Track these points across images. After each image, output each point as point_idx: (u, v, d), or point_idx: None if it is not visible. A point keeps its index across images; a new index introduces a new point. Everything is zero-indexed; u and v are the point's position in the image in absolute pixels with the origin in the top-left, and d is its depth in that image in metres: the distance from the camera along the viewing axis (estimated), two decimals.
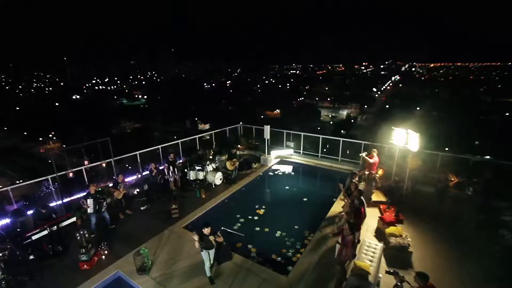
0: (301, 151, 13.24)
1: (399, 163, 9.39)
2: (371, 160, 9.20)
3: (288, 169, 12.62)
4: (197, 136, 12.92)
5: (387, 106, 72.61)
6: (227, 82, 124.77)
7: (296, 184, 11.46)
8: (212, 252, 6.13)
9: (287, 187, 10.96)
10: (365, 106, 77.92)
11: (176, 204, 8.72)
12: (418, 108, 61.82)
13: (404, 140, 8.37)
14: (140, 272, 6.35)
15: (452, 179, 8.43)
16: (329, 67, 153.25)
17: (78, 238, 6.60)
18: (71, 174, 8.41)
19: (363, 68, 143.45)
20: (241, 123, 14.94)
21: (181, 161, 11.75)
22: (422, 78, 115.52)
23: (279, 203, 9.82)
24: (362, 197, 6.64)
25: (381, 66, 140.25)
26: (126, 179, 10.44)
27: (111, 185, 8.86)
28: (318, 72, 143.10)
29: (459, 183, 8.67)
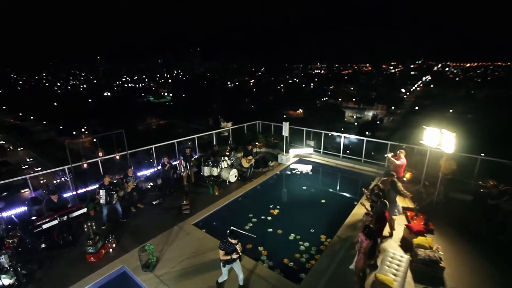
0: (322, 151, 12.55)
1: (430, 166, 8.48)
2: (397, 162, 8.38)
3: (306, 168, 11.99)
4: (214, 132, 12.65)
5: (416, 108, 68.93)
6: (251, 81, 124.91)
7: (314, 184, 10.83)
8: (237, 265, 5.44)
9: (304, 187, 10.36)
10: (392, 107, 74.55)
11: (188, 200, 8.45)
12: (451, 111, 58.03)
13: (437, 140, 7.50)
14: (144, 268, 6.11)
15: (493, 186, 7.42)
16: (355, 67, 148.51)
17: (86, 229, 6.49)
18: (85, 165, 8.38)
19: (391, 68, 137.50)
20: (259, 120, 14.48)
21: (196, 156, 11.52)
22: (457, 79, 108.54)
23: (295, 204, 9.26)
24: (385, 200, 5.94)
25: (411, 66, 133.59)
26: (140, 173, 10.37)
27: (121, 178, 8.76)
28: (343, 72, 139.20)
29: (501, 191, 7.64)
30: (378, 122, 65.33)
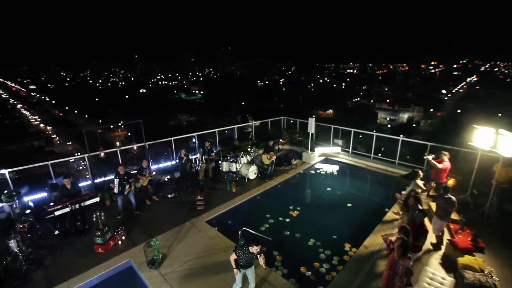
0: (350, 150, 11.54)
1: (480, 172, 7.25)
2: (439, 165, 7.25)
3: (332, 168, 11.08)
4: (235, 126, 12.17)
5: (459, 111, 63.52)
6: (281, 80, 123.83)
7: (340, 186, 9.91)
8: (250, 271, 4.86)
9: (329, 189, 9.49)
10: (431, 110, 69.47)
11: (202, 195, 8.01)
12: (499, 115, 52.57)
13: (492, 142, 6.30)
14: (150, 265, 5.74)
15: None
16: (391, 67, 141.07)
17: (94, 219, 6.27)
18: (102, 154, 8.28)
19: (431, 67, 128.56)
20: (284, 116, 13.76)
21: (216, 150, 11.10)
22: (508, 80, 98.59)
23: (317, 206, 8.46)
24: (421, 206, 5.00)
25: (454, 66, 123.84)
26: (158, 165, 10.15)
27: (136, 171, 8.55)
28: (378, 72, 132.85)
29: None
30: (414, 125, 61.18)
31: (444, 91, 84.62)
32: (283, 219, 7.65)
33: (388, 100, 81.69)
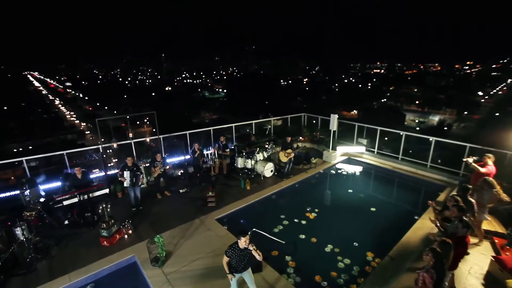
0: (375, 150, 10.66)
1: None
2: (482, 170, 6.29)
3: (355, 169, 10.29)
4: (253, 122, 11.69)
5: (497, 114, 58.82)
6: (304, 80, 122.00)
7: (363, 188, 9.13)
8: (247, 274, 4.33)
9: (350, 191, 8.75)
10: (465, 113, 64.98)
11: (214, 192, 7.62)
12: None
13: None
14: (153, 262, 5.40)
15: None
16: (421, 66, 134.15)
17: (100, 211, 6.06)
18: (115, 145, 8.13)
19: (466, 68, 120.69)
20: (305, 112, 13.09)
21: (232, 146, 10.69)
22: None
23: (336, 209, 7.80)
24: (465, 218, 4.22)
25: (493, 66, 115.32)
26: (170, 159, 9.90)
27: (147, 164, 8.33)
28: (407, 72, 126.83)
29: None
30: (445, 128, 57.49)
31: (480, 93, 78.93)
32: (299, 221, 7.06)
33: (417, 102, 77.66)
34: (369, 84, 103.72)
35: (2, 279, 5.16)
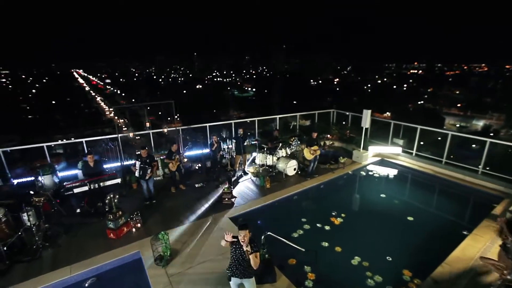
0: (414, 152, 9.46)
1: None
2: None
3: (389, 172, 9.20)
4: (278, 116, 10.97)
5: None
6: (335, 80, 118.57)
7: (398, 194, 8.05)
8: (248, 284, 3.66)
9: (383, 196, 7.73)
10: None
11: (230, 188, 7.04)
12: None
13: None
14: (157, 261, 4.93)
15: None
16: (465, 67, 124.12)
17: (107, 201, 5.72)
18: (131, 135, 7.88)
19: None
20: (334, 109, 12.12)
21: (253, 141, 10.06)
22: None
23: (366, 215, 6.85)
24: None
25: None
26: (188, 153, 9.50)
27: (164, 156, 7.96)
28: (448, 73, 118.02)
29: None
30: (491, 134, 52.36)
31: None
32: (322, 226, 6.24)
33: (459, 105, 71.77)
34: (405, 85, 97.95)
35: (7, 264, 5.00)
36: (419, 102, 76.95)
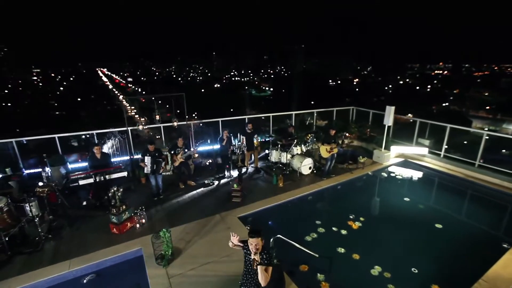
0: (442, 153, 8.67)
1: None
2: None
3: (414, 174, 8.48)
4: (294, 113, 10.47)
5: None
6: (354, 80, 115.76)
7: (424, 198, 7.34)
8: None
9: (407, 199, 7.06)
10: None
11: (239, 186, 6.64)
12: None
13: None
14: (158, 260, 4.61)
15: None
16: (495, 67, 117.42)
17: (110, 194, 5.48)
18: (140, 127, 7.66)
19: None
20: (353, 106, 11.46)
21: (267, 137, 9.63)
22: None
23: (388, 220, 6.22)
24: None
25: None
26: (199, 148, 9.19)
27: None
28: (476, 74, 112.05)
29: None
30: None
31: None
32: (338, 230, 5.70)
33: (487, 107, 67.90)
34: (429, 86, 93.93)
35: (9, 255, 4.85)
36: (443, 104, 73.50)
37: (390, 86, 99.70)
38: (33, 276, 4.43)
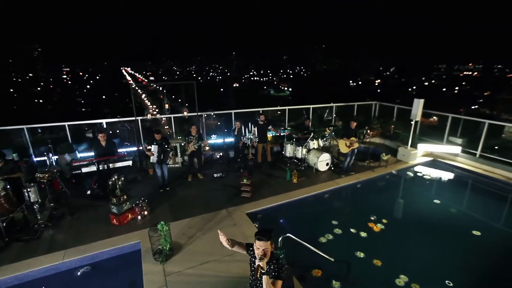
0: (478, 153, 7.76)
1: None
2: None
3: (444, 175, 7.63)
4: (311, 106, 9.85)
5: None
6: (376, 81, 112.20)
7: (456, 202, 6.52)
8: None
9: (437, 202, 6.27)
10: None
11: (249, 179, 6.15)
12: None
13: None
14: (156, 255, 4.21)
15: None
16: None
17: (111, 182, 5.16)
18: (149, 116, 7.37)
19: None
20: (376, 101, 10.66)
21: (281, 131, 9.07)
22: None
23: (415, 223, 5.49)
24: None
25: None
26: (210, 141, 8.81)
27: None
28: (510, 75, 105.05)
29: None
30: None
31: None
32: (357, 232, 5.07)
33: None
34: (456, 88, 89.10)
35: (6, 241, 4.65)
36: (472, 107, 69.39)
37: (414, 87, 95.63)
38: (26, 265, 4.18)
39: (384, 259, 4.31)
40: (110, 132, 7.42)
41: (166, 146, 6.29)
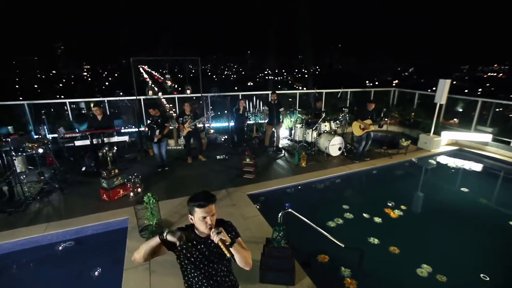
0: None
1: None
2: None
3: (472, 166, 6.84)
4: (324, 91, 9.22)
5: None
6: (393, 82, 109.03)
7: (487, 191, 5.74)
8: None
9: (464, 190, 5.53)
10: None
11: (252, 159, 5.63)
12: None
13: None
14: (142, 232, 3.77)
15: None
16: None
17: (100, 155, 4.77)
18: (150, 92, 6.99)
19: None
20: (396, 87, 9.88)
21: (293, 111, 8.47)
22: None
23: (439, 211, 4.80)
24: None
25: None
26: (215, 125, 8.34)
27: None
28: None
29: None
30: None
31: None
32: (371, 217, 4.44)
33: None
34: (479, 90, 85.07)
35: None
36: (497, 110, 65.97)
37: (434, 88, 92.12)
38: (2, 236, 3.83)
39: (402, 246, 3.69)
40: (112, 110, 7.04)
41: (160, 122, 5.84)
